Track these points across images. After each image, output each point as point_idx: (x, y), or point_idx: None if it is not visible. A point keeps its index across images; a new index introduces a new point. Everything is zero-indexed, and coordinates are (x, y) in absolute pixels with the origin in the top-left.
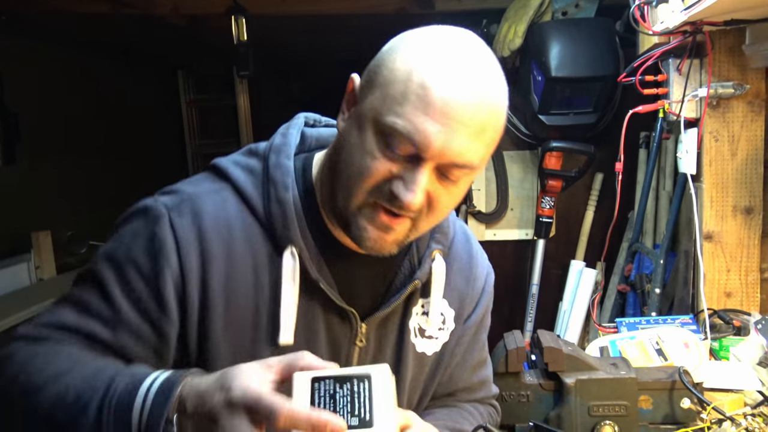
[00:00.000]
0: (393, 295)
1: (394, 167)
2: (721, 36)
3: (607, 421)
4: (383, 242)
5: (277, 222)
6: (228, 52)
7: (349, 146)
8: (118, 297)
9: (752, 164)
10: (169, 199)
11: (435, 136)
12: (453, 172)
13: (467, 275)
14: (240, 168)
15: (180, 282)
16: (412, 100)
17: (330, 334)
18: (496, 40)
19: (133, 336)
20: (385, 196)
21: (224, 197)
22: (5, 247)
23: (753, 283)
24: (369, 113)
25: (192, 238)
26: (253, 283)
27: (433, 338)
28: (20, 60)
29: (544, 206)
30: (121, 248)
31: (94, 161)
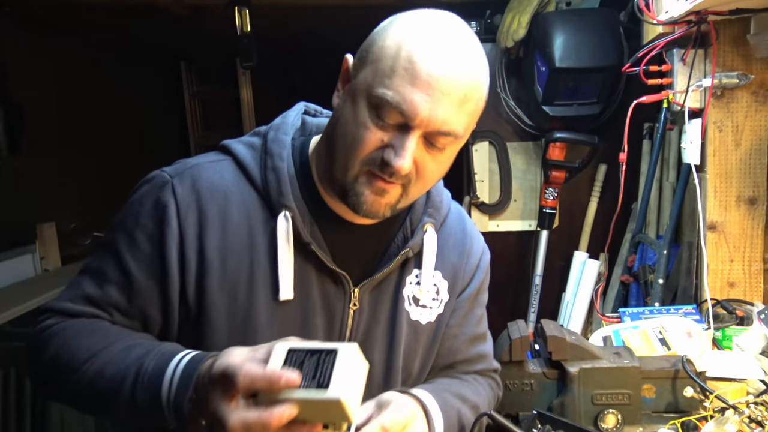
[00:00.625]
0: (386, 262)
1: (385, 136)
2: (725, 26)
3: (610, 410)
4: (378, 205)
5: (272, 188)
6: (231, 43)
7: (344, 119)
8: (129, 262)
9: (756, 154)
10: (173, 168)
11: (421, 105)
12: (439, 140)
13: (461, 250)
14: (242, 144)
15: (179, 242)
16: (400, 73)
17: (324, 296)
18: (500, 31)
19: (144, 298)
20: (377, 164)
21: (223, 167)
22: (10, 239)
23: (756, 273)
24: (361, 87)
25: (191, 201)
26: (248, 243)
27: (427, 308)
28: (24, 51)
29: (548, 197)
30: (131, 215)
31: (97, 153)
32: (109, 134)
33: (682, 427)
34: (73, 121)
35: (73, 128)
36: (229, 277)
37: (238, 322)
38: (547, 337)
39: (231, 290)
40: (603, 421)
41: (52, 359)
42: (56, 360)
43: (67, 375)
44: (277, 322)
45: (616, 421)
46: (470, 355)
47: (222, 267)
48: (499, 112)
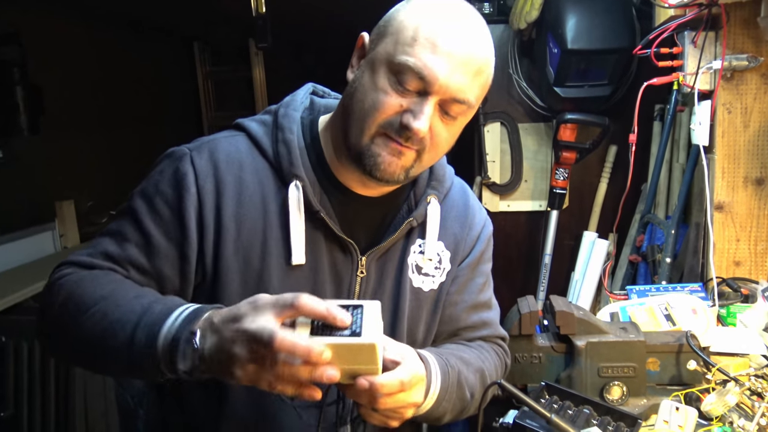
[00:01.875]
0: (392, 232)
1: (404, 102)
2: (736, 8)
3: (615, 382)
4: (394, 167)
5: (284, 159)
6: (244, 23)
7: (362, 88)
8: (149, 225)
9: (764, 136)
10: (191, 143)
11: (440, 71)
12: (453, 107)
13: (463, 222)
14: (254, 121)
15: (198, 207)
16: (422, 42)
17: (332, 263)
18: (513, 12)
19: (163, 258)
20: (395, 128)
21: (238, 141)
22: (31, 217)
23: (762, 252)
24: (381, 57)
25: (208, 170)
26: (262, 211)
27: (430, 276)
28: (42, 32)
29: (558, 178)
30: (151, 184)
31: (112, 132)
32: (123, 114)
33: (685, 398)
34: (89, 101)
35: (89, 108)
36: (244, 242)
37: (251, 285)
38: (555, 312)
39: (245, 255)
40: (609, 392)
41: (63, 303)
42: (67, 303)
43: (76, 317)
44: (289, 286)
45: (621, 392)
46: (473, 321)
47: (237, 233)
48: (511, 94)
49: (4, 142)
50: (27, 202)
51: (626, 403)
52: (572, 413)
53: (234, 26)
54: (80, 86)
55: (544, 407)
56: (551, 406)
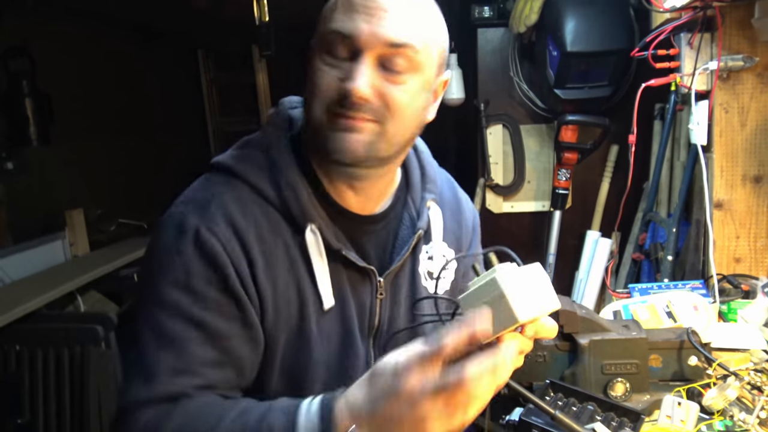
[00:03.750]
0: (401, 247)
1: (339, 72)
2: (731, 10)
3: (619, 379)
4: (351, 143)
5: (293, 206)
6: (248, 30)
7: (306, 85)
8: (201, 314)
9: (761, 134)
10: (193, 208)
11: (363, 22)
12: (395, 60)
13: (458, 218)
14: (244, 163)
15: (237, 277)
16: (339, 8)
17: (355, 293)
18: (513, 16)
19: (231, 341)
20: (337, 101)
21: (239, 192)
22: (41, 225)
23: (762, 248)
24: (313, 43)
25: (230, 236)
26: (287, 262)
27: (442, 279)
28: (50, 42)
29: (561, 178)
30: (178, 271)
31: (119, 140)
32: (130, 121)
33: (687, 393)
34: (97, 108)
35: (96, 116)
36: (280, 299)
37: (292, 339)
38: (558, 311)
39: (285, 311)
40: (612, 389)
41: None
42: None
43: None
44: (323, 329)
45: (624, 389)
46: None
47: (273, 291)
48: (512, 96)
49: (15, 153)
50: (37, 211)
51: (629, 399)
52: (576, 410)
53: (237, 33)
54: (87, 93)
55: (549, 404)
56: (556, 403)
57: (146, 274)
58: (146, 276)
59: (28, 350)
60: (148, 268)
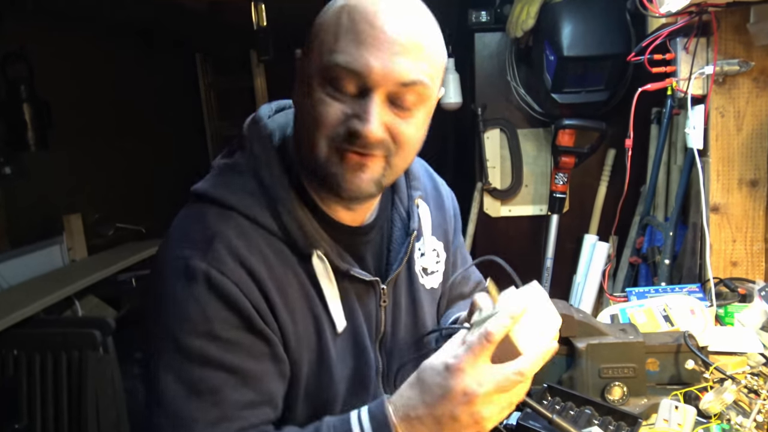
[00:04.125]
0: (397, 251)
1: (346, 108)
2: (726, 15)
3: (616, 382)
4: (360, 182)
5: (297, 235)
6: (246, 34)
7: (303, 109)
8: (229, 359)
9: (757, 138)
10: (195, 249)
11: (374, 59)
12: (405, 97)
13: (440, 208)
14: (236, 193)
15: (257, 315)
16: (345, 36)
17: (363, 306)
18: (510, 21)
19: (263, 380)
20: (345, 138)
21: (240, 226)
22: (39, 230)
23: (758, 252)
24: (312, 68)
25: (242, 275)
26: (299, 290)
27: (435, 272)
28: (47, 46)
29: (558, 182)
30: (197, 319)
31: (117, 144)
32: (128, 126)
33: (684, 397)
34: (95, 113)
35: (94, 121)
36: (300, 326)
37: (314, 364)
38: None
39: (304, 336)
40: (610, 393)
41: None
42: None
43: None
44: (340, 349)
45: (622, 393)
46: (470, 289)
47: (292, 320)
48: (509, 100)
49: (13, 158)
50: (35, 216)
51: (627, 403)
52: (574, 414)
53: (236, 38)
54: (86, 100)
55: (546, 408)
56: (553, 407)
57: (159, 326)
58: (160, 329)
59: (26, 355)
60: (160, 320)
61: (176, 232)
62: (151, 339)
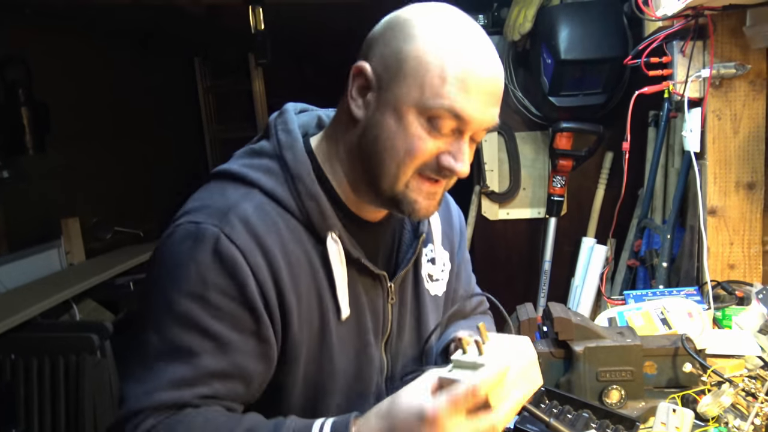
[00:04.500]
0: (406, 251)
1: (440, 144)
2: (722, 18)
3: (614, 386)
4: (431, 208)
5: (314, 214)
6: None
7: (389, 133)
8: (215, 325)
9: (754, 141)
10: (209, 216)
11: (476, 110)
12: (481, 134)
13: (448, 219)
14: (258, 171)
15: (258, 289)
16: (452, 82)
17: (369, 299)
18: (507, 24)
19: (242, 355)
20: (434, 169)
21: (259, 200)
22: (37, 234)
23: (755, 255)
24: (406, 100)
25: (252, 246)
26: (310, 271)
27: (440, 281)
28: (46, 50)
29: (556, 185)
30: (192, 279)
31: (115, 147)
32: (126, 129)
33: (682, 400)
34: (93, 117)
35: (92, 124)
36: (304, 309)
37: (313, 347)
38: (553, 319)
39: (308, 320)
40: (607, 396)
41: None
42: None
43: None
44: (342, 338)
45: (619, 396)
46: (473, 305)
47: (298, 301)
48: (507, 103)
49: (11, 162)
50: (33, 219)
51: (624, 407)
52: (572, 417)
53: (234, 42)
54: (83, 101)
55: (543, 412)
56: (551, 411)
57: (156, 282)
58: (156, 284)
59: (23, 359)
60: (158, 276)
61: (193, 202)
62: (146, 293)
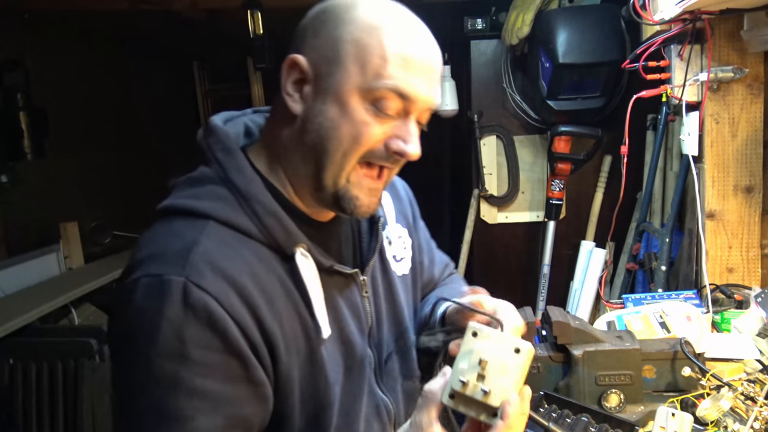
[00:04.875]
0: (368, 241)
1: (386, 128)
2: (720, 22)
3: (613, 390)
4: (372, 205)
5: (278, 233)
6: (243, 42)
7: (331, 123)
8: (201, 384)
9: (752, 145)
10: (169, 264)
11: (420, 87)
12: (426, 117)
13: (397, 194)
14: (207, 200)
15: (240, 331)
16: (393, 61)
17: (347, 301)
18: (505, 28)
19: (237, 404)
20: (382, 156)
21: (217, 233)
22: (36, 238)
23: (754, 258)
24: (347, 86)
25: (225, 287)
26: (285, 295)
27: (405, 258)
28: (44, 54)
29: (554, 189)
30: (168, 339)
31: (114, 152)
32: (125, 133)
33: (681, 404)
34: (91, 121)
35: (91, 128)
36: (289, 333)
37: (306, 368)
38: (552, 323)
39: (294, 345)
40: (606, 400)
41: None
42: None
43: None
44: (330, 351)
45: (618, 400)
46: (440, 271)
47: (281, 329)
48: (505, 107)
49: (10, 167)
50: (32, 224)
51: (624, 411)
52: (571, 422)
53: (233, 45)
54: (82, 106)
55: (543, 416)
56: (550, 415)
57: (130, 347)
58: (131, 349)
59: (22, 364)
60: (130, 340)
61: (144, 251)
62: (122, 361)
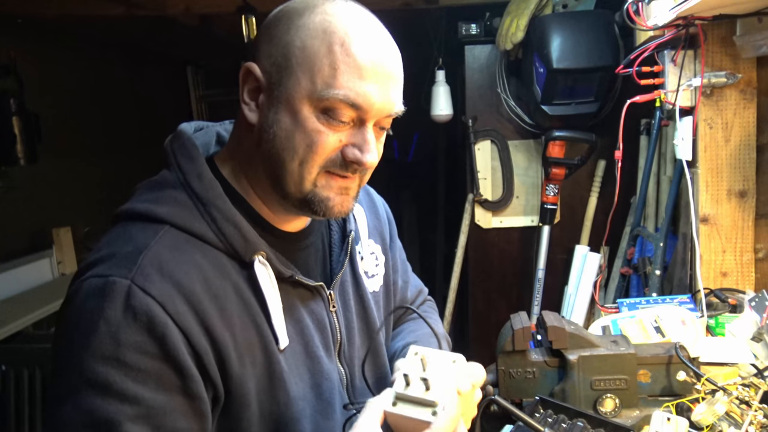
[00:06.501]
0: (338, 255)
1: (342, 136)
2: (713, 27)
3: (608, 394)
4: (347, 204)
5: (235, 239)
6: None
7: (286, 132)
8: (133, 389)
9: (745, 149)
10: (116, 266)
11: (374, 96)
12: (387, 122)
13: (374, 211)
14: (165, 204)
15: (185, 339)
16: (344, 70)
17: (312, 315)
18: (499, 34)
19: (170, 415)
20: (339, 164)
21: (171, 238)
22: (28, 244)
23: (748, 262)
24: (298, 95)
25: (172, 293)
26: (241, 303)
27: (377, 275)
28: (37, 61)
29: (549, 193)
30: (103, 340)
31: (107, 158)
32: (118, 139)
33: (676, 409)
34: (84, 126)
35: (84, 134)
36: (242, 343)
37: (263, 380)
38: (547, 327)
39: (248, 355)
40: (602, 405)
41: None
42: None
43: None
44: (291, 363)
45: (614, 405)
46: (413, 295)
47: (233, 338)
48: (500, 112)
49: (2, 172)
50: (24, 229)
51: (619, 415)
52: (566, 426)
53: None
54: (75, 113)
55: (538, 422)
56: (546, 420)
57: (66, 346)
58: (67, 349)
59: (14, 370)
60: (68, 339)
61: (97, 252)
62: (56, 362)
